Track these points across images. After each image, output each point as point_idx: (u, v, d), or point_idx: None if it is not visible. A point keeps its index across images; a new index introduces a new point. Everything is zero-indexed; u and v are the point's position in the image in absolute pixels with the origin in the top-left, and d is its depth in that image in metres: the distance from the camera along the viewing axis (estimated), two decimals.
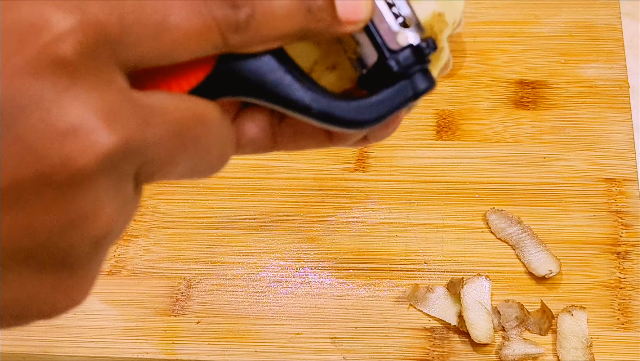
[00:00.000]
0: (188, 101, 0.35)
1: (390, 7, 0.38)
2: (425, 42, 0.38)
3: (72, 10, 0.32)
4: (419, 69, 0.38)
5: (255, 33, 0.35)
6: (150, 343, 0.73)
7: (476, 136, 0.84)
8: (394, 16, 0.38)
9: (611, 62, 0.88)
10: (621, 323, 0.73)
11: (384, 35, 0.38)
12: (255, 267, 0.77)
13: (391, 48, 0.38)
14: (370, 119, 0.38)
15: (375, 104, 0.38)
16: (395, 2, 0.38)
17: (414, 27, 0.38)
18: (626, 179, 0.80)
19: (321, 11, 0.36)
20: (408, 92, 0.39)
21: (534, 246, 0.77)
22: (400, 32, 0.38)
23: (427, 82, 0.39)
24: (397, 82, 0.38)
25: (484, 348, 0.72)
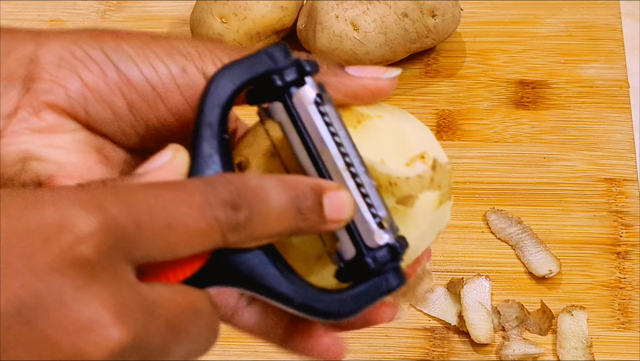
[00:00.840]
0: (183, 292, 0.37)
1: (370, 208, 0.41)
2: (399, 242, 0.42)
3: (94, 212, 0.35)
4: (392, 267, 0.41)
5: (251, 232, 0.38)
6: None
7: (476, 136, 0.84)
8: (372, 216, 0.41)
9: (611, 62, 0.88)
10: (621, 323, 0.73)
11: (363, 233, 0.41)
12: None
13: (368, 246, 0.41)
14: (347, 312, 0.41)
15: (353, 297, 0.41)
16: (373, 203, 0.41)
17: (389, 227, 0.41)
18: (626, 179, 0.80)
19: (310, 212, 0.39)
20: (382, 288, 0.41)
21: (534, 246, 0.77)
22: (378, 231, 0.41)
23: (399, 279, 0.42)
24: (372, 277, 0.41)
25: (484, 348, 0.72)
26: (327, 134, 0.41)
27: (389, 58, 0.85)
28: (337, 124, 0.42)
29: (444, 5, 0.84)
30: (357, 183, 0.41)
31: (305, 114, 0.41)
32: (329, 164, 0.41)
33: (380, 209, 0.41)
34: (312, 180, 0.40)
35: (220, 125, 0.41)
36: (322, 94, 0.42)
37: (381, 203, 0.42)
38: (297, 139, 0.42)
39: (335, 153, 0.41)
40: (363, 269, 0.41)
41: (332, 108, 0.42)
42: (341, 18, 0.83)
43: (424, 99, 0.86)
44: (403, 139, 0.45)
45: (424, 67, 0.89)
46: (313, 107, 0.41)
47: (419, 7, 0.84)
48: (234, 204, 0.38)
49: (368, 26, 0.83)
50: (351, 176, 0.41)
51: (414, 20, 0.84)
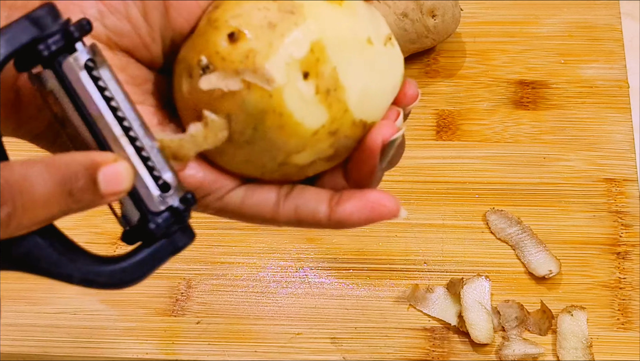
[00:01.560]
0: None
1: (152, 171, 0.41)
2: (185, 203, 0.41)
3: None
4: (178, 228, 0.41)
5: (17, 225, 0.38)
6: (150, 343, 0.73)
7: (476, 136, 0.84)
8: (155, 179, 0.41)
9: (611, 63, 0.88)
10: (621, 323, 0.73)
11: (145, 198, 0.41)
12: (255, 267, 0.77)
13: (151, 210, 0.41)
14: (130, 280, 0.41)
15: (135, 264, 0.41)
16: (156, 165, 0.41)
17: (173, 189, 0.41)
18: (626, 179, 0.80)
19: (83, 191, 0.39)
20: (167, 250, 0.42)
21: (534, 247, 0.77)
22: (159, 196, 0.41)
23: (187, 238, 0.42)
24: (157, 241, 0.41)
25: (484, 348, 0.72)
26: (100, 100, 0.40)
27: None
28: (114, 87, 0.41)
29: (444, 6, 0.84)
30: (136, 147, 0.41)
31: (77, 81, 0.40)
32: (106, 132, 0.40)
33: (163, 171, 0.41)
34: (85, 157, 0.39)
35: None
36: (95, 58, 0.41)
37: (165, 164, 0.41)
38: (72, 108, 0.41)
39: (110, 119, 0.40)
40: (147, 233, 0.41)
41: (107, 71, 0.41)
42: None
43: (424, 99, 0.86)
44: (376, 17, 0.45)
45: (424, 68, 0.89)
46: (84, 74, 0.40)
47: (419, 8, 0.84)
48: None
49: None
50: (130, 141, 0.41)
51: (414, 20, 0.84)
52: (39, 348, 0.73)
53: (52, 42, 0.40)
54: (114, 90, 0.41)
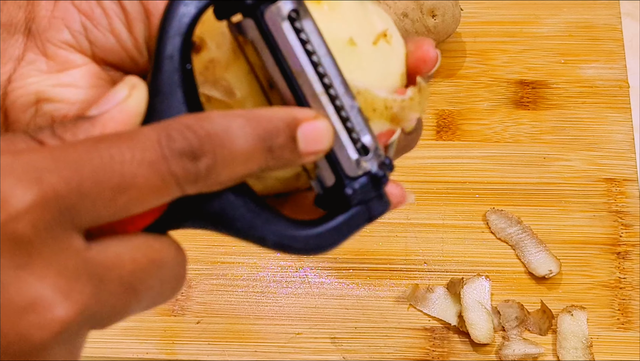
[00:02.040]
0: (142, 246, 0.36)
1: (350, 133, 0.39)
2: (382, 169, 0.39)
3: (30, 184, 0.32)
4: (374, 195, 0.39)
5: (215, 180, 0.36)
6: (150, 343, 0.73)
7: (476, 136, 0.84)
8: (353, 142, 0.39)
9: (611, 62, 0.88)
10: (621, 323, 0.73)
11: (342, 161, 0.39)
12: (255, 267, 0.77)
13: (349, 175, 0.39)
14: (326, 245, 0.39)
15: (330, 231, 0.39)
16: (355, 127, 0.39)
17: (372, 153, 0.39)
18: (626, 179, 0.80)
19: (282, 149, 0.37)
20: (363, 217, 0.39)
21: (534, 246, 0.77)
22: (358, 159, 0.39)
23: (382, 207, 0.40)
24: (353, 207, 0.39)
25: (484, 348, 0.72)
26: (302, 53, 0.38)
27: None
28: (317, 41, 0.39)
29: (444, 6, 0.84)
30: (336, 107, 0.39)
31: (278, 32, 0.38)
32: (306, 88, 0.38)
33: (362, 134, 0.39)
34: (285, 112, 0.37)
35: (182, 55, 0.38)
36: (298, 9, 0.38)
37: (364, 126, 0.39)
38: (271, 60, 0.39)
39: (311, 75, 0.38)
40: (343, 199, 0.39)
41: (310, 23, 0.39)
42: None
43: None
44: (369, 14, 0.43)
45: None
46: (287, 25, 0.38)
47: (419, 7, 0.83)
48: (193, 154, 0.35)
49: None
50: (330, 100, 0.38)
51: (414, 20, 0.84)
52: None
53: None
54: (317, 43, 0.38)
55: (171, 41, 0.38)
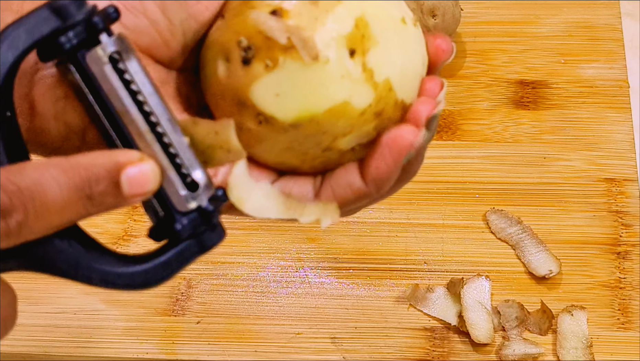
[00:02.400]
0: None
1: (179, 168, 0.39)
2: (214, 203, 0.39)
3: None
4: (206, 229, 0.39)
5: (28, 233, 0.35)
6: (150, 343, 0.73)
7: (476, 136, 0.84)
8: (182, 177, 0.39)
9: (611, 62, 0.88)
10: (621, 323, 0.73)
11: (171, 197, 0.39)
12: (255, 267, 0.77)
13: (178, 210, 0.39)
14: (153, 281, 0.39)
15: (159, 266, 0.39)
16: (184, 162, 0.39)
17: (202, 188, 0.39)
18: (626, 179, 0.80)
19: (103, 195, 0.36)
20: (194, 250, 0.40)
21: (534, 246, 0.77)
22: (187, 195, 0.39)
23: (215, 238, 0.40)
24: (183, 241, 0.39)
25: (484, 348, 0.72)
26: (125, 94, 0.38)
27: None
28: (141, 80, 0.39)
29: (444, 6, 0.84)
30: (163, 144, 0.38)
31: (100, 75, 0.38)
32: (132, 127, 0.38)
33: (192, 169, 0.39)
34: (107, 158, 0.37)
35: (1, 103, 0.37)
36: (121, 50, 0.38)
37: (195, 162, 0.39)
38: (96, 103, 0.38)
39: (136, 114, 0.38)
40: (173, 233, 0.39)
41: (135, 63, 0.39)
42: None
43: None
44: (399, 2, 0.44)
45: None
46: (108, 67, 0.38)
47: (419, 7, 0.83)
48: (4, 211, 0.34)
49: None
50: (156, 137, 0.38)
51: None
52: (39, 348, 0.73)
53: (74, 34, 0.37)
54: (141, 83, 0.39)
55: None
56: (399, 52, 0.42)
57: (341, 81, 0.41)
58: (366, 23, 0.41)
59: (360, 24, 0.41)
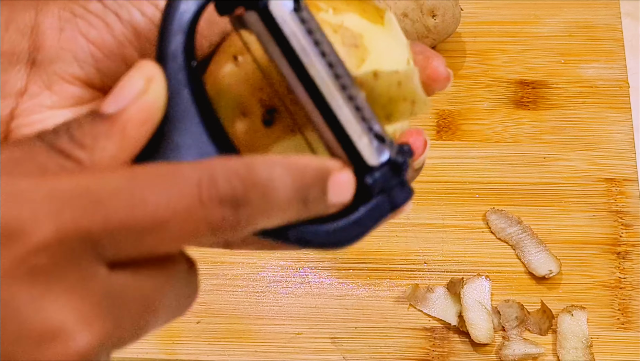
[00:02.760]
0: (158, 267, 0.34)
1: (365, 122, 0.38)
2: (402, 156, 0.38)
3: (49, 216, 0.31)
4: (396, 183, 0.38)
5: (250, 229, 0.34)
6: (150, 342, 0.73)
7: (476, 136, 0.84)
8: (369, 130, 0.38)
9: (611, 62, 0.88)
10: (621, 323, 0.73)
11: (361, 151, 0.38)
12: (255, 267, 0.77)
13: (369, 164, 0.38)
14: (348, 239, 0.38)
15: (353, 223, 0.38)
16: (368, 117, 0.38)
17: (388, 142, 0.38)
18: (626, 179, 0.80)
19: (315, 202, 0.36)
20: (386, 207, 0.38)
21: (534, 246, 0.77)
22: (378, 146, 0.38)
23: (405, 194, 0.39)
24: (375, 197, 0.38)
25: (484, 348, 0.72)
26: (310, 44, 0.37)
27: None
28: (318, 32, 0.38)
29: (444, 6, 0.84)
30: (348, 96, 0.38)
31: (284, 23, 0.37)
32: (318, 79, 0.37)
33: (374, 123, 0.38)
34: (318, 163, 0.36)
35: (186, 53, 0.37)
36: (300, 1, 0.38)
37: (373, 115, 0.38)
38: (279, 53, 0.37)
39: (321, 65, 0.37)
40: (364, 189, 0.38)
41: (309, 14, 0.38)
42: None
43: None
44: (400, 35, 0.43)
45: None
46: (293, 15, 0.37)
47: (419, 7, 0.83)
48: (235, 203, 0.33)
49: None
50: (342, 89, 0.37)
51: (414, 20, 0.84)
52: None
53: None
54: (319, 35, 0.38)
55: (173, 39, 0.37)
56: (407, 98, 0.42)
57: None
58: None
59: None
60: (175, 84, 0.36)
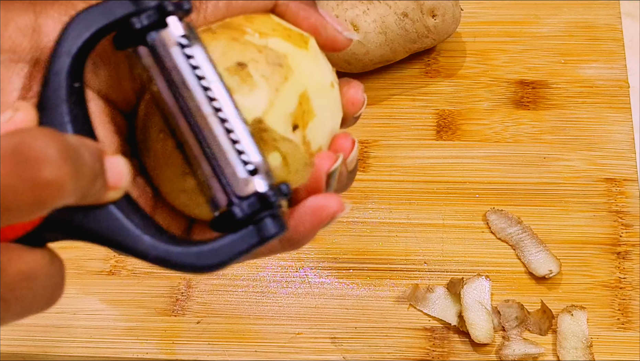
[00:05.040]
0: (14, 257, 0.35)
1: (240, 154, 0.39)
2: (274, 190, 0.39)
3: None
4: (267, 216, 0.39)
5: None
6: (150, 343, 0.73)
7: (476, 136, 0.84)
8: (243, 163, 0.39)
9: (611, 62, 0.88)
10: (621, 323, 0.73)
11: (231, 181, 0.39)
12: (255, 267, 0.77)
13: (238, 195, 0.39)
14: (212, 265, 0.39)
15: (217, 249, 0.39)
16: (245, 150, 0.39)
17: (263, 174, 0.39)
18: (626, 179, 0.80)
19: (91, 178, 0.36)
20: (254, 238, 0.39)
21: (534, 246, 0.77)
22: (247, 179, 0.39)
23: (276, 228, 0.39)
24: (243, 227, 0.39)
25: (484, 348, 0.72)
26: (192, 77, 0.40)
27: (389, 58, 0.85)
28: (206, 67, 0.40)
29: (444, 5, 0.84)
30: (226, 129, 0.39)
31: (169, 57, 0.40)
32: (196, 110, 0.39)
33: (253, 156, 0.40)
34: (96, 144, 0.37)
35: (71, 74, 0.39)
36: (189, 35, 0.40)
37: (255, 149, 0.40)
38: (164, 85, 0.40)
39: (201, 98, 0.39)
40: (232, 219, 0.39)
41: (201, 50, 0.40)
42: (341, 18, 0.83)
43: (424, 99, 0.86)
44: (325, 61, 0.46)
45: (424, 67, 0.89)
46: (177, 50, 0.40)
47: (419, 7, 0.83)
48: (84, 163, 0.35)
49: (368, 26, 0.83)
50: (220, 121, 0.39)
51: (414, 20, 0.84)
52: (38, 348, 0.73)
53: (145, 16, 0.39)
54: (206, 69, 0.40)
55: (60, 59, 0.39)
56: (329, 118, 0.44)
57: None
58: (307, 98, 0.43)
59: (303, 100, 0.43)
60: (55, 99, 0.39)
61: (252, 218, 0.39)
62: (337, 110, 0.45)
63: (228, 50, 0.42)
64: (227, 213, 0.39)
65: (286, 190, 0.40)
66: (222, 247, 0.39)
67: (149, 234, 0.39)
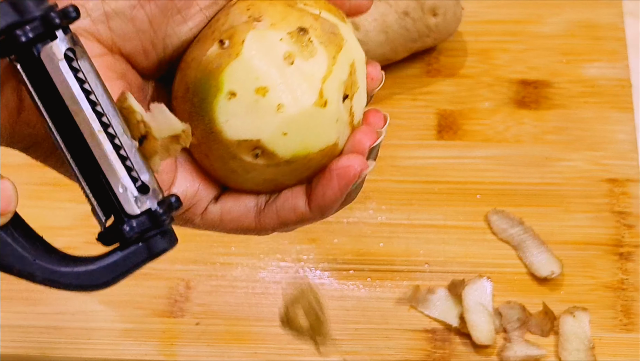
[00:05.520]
0: None
1: (130, 172, 0.39)
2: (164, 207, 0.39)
3: None
4: (156, 233, 0.39)
5: None
6: (149, 344, 0.73)
7: (478, 136, 0.84)
8: (132, 180, 0.39)
9: (614, 62, 0.88)
10: (623, 325, 0.73)
11: (120, 199, 0.39)
12: (254, 268, 0.77)
13: (127, 212, 0.39)
14: (99, 284, 0.39)
15: (105, 268, 0.39)
16: (134, 166, 0.39)
17: (152, 191, 0.39)
18: (629, 179, 0.80)
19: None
20: (143, 255, 0.39)
21: (536, 247, 0.76)
22: (137, 197, 0.39)
23: (166, 244, 0.40)
24: (132, 245, 0.39)
25: (486, 350, 0.72)
26: (79, 92, 0.38)
27: (390, 57, 0.85)
28: (93, 81, 0.39)
29: (445, 4, 0.84)
30: (114, 145, 0.39)
31: (55, 71, 0.38)
32: (83, 126, 0.38)
33: (141, 173, 0.39)
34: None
35: None
36: (75, 48, 0.39)
37: (143, 166, 0.39)
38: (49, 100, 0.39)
39: (89, 114, 0.38)
40: (121, 236, 0.39)
41: (87, 63, 0.39)
42: None
43: (425, 98, 0.86)
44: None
45: (425, 67, 0.88)
46: (63, 64, 0.38)
47: (420, 6, 0.83)
48: None
49: (369, 25, 0.83)
50: (108, 138, 0.39)
51: (415, 19, 0.83)
52: (37, 350, 0.73)
53: (30, 28, 0.38)
54: (94, 84, 0.39)
55: None
56: (364, 92, 0.45)
57: (335, 124, 0.43)
58: (355, 69, 0.44)
59: (352, 71, 0.44)
60: None
61: (142, 236, 0.39)
62: (366, 86, 0.46)
63: (287, 15, 0.43)
64: (116, 229, 0.39)
65: (176, 204, 0.40)
66: (111, 265, 0.39)
67: (37, 257, 0.38)
